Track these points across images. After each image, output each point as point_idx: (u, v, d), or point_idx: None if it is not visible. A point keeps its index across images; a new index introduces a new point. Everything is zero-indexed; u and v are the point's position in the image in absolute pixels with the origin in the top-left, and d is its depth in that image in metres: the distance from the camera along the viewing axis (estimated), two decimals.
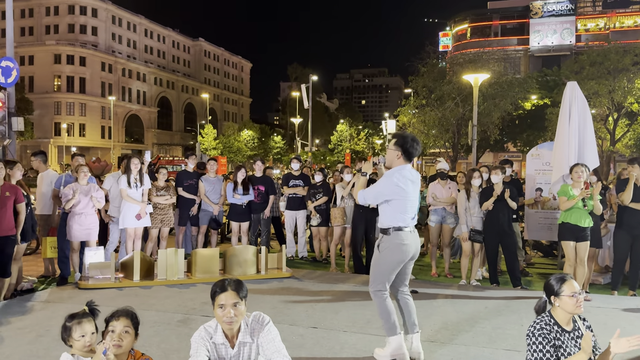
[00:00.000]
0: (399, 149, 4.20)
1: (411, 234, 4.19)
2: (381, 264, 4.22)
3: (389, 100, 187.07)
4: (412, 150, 4.18)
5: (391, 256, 4.15)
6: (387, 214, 4.20)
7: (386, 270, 4.19)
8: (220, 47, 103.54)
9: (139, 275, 6.57)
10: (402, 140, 4.22)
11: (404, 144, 4.18)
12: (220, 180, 9.13)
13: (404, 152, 4.18)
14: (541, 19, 61.00)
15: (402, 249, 4.14)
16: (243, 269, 7.06)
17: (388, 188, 4.15)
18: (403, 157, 4.19)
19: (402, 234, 4.12)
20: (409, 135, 4.28)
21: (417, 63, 28.14)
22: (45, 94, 68.64)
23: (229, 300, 2.71)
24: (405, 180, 4.13)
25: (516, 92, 27.21)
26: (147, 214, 7.79)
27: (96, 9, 76.03)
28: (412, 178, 4.22)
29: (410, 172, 4.23)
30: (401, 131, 4.77)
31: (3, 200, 5.62)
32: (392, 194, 4.13)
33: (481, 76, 15.73)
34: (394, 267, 4.18)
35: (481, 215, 7.20)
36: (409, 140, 4.20)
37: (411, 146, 4.17)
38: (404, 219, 4.14)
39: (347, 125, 68.91)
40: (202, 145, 62.82)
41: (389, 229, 4.16)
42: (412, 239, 4.20)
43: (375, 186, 4.29)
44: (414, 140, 4.22)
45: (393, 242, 4.14)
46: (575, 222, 6.34)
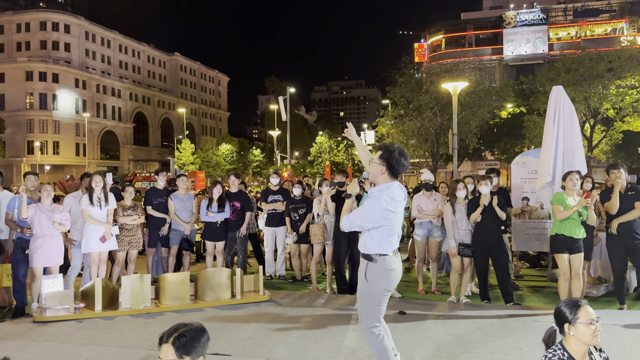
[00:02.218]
0: (384, 163, 3.66)
1: (396, 257, 3.73)
2: (370, 294, 3.69)
3: (367, 112, 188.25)
4: (398, 167, 3.65)
5: (380, 284, 3.66)
6: (374, 240, 3.68)
7: (377, 302, 3.68)
8: (197, 62, 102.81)
9: (101, 305, 5.98)
10: (387, 153, 3.66)
11: (389, 159, 3.64)
12: (191, 197, 8.60)
13: (389, 168, 3.65)
14: (514, 28, 61.93)
15: (391, 275, 3.68)
16: (216, 294, 6.51)
17: (376, 213, 3.60)
18: (388, 174, 3.66)
19: (388, 259, 3.65)
20: (396, 149, 3.68)
21: (394, 74, 27.97)
22: (17, 112, 67.05)
23: (165, 356, 2.21)
24: (394, 202, 3.61)
25: (493, 101, 27.17)
26: (112, 235, 7.22)
27: (69, 25, 74.84)
28: (400, 198, 3.69)
29: (397, 191, 3.66)
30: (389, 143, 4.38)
31: None
32: (381, 219, 3.60)
33: (460, 84, 15.51)
34: (385, 297, 3.70)
35: (469, 228, 6.81)
36: (395, 154, 3.64)
37: (397, 162, 3.63)
38: (391, 243, 3.68)
39: (326, 137, 68.68)
40: (180, 160, 61.85)
41: (374, 255, 3.67)
42: (398, 263, 3.75)
43: (361, 212, 3.69)
44: (402, 154, 3.66)
45: (380, 269, 3.66)
46: (569, 233, 5.97)
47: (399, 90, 27.17)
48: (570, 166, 7.34)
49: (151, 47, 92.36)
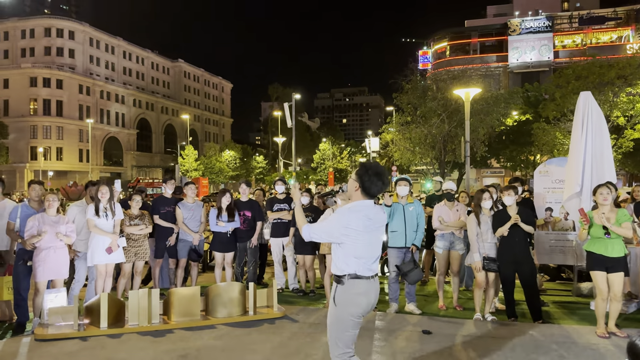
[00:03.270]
0: (358, 180, 3.46)
1: (369, 282, 3.44)
2: (340, 319, 3.42)
3: (370, 119, 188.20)
4: (370, 186, 3.42)
5: (349, 309, 3.39)
6: (340, 258, 3.45)
7: (347, 328, 3.41)
8: (200, 68, 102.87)
9: (106, 322, 5.63)
10: (362, 171, 3.47)
11: (362, 176, 3.44)
12: (199, 205, 8.25)
13: (361, 186, 3.44)
14: (519, 36, 61.79)
15: (362, 300, 3.40)
16: (228, 310, 6.15)
17: (336, 229, 3.40)
18: (361, 191, 3.45)
19: (359, 282, 3.39)
20: (372, 168, 3.48)
21: (400, 80, 27.71)
22: (20, 118, 66.91)
23: None
24: (361, 222, 3.37)
25: (502, 108, 26.86)
26: (119, 247, 6.88)
27: (73, 31, 74.90)
28: (373, 217, 3.45)
29: (369, 210, 3.44)
30: (369, 162, 4.14)
31: None
32: (341, 236, 3.39)
33: (472, 90, 15.17)
34: (356, 323, 3.42)
35: (495, 241, 6.45)
36: (370, 173, 3.43)
37: (370, 181, 3.41)
38: (360, 265, 3.40)
39: (330, 144, 68.46)
40: (183, 166, 61.63)
41: (343, 276, 3.41)
42: (371, 288, 3.45)
43: (323, 224, 3.51)
44: (378, 175, 3.44)
45: (349, 292, 3.39)
46: (600, 251, 5.61)
47: (405, 96, 26.89)
48: (599, 176, 7.00)
49: (155, 54, 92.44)
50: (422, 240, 6.91)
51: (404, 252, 6.73)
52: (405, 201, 6.81)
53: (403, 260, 6.71)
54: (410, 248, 6.72)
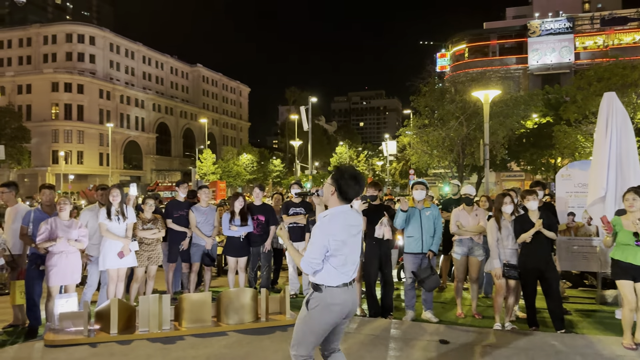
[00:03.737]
0: (334, 184, 3.36)
1: (347, 290, 3.38)
2: (308, 324, 3.39)
3: (387, 122, 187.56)
4: (348, 190, 3.33)
5: (321, 317, 3.34)
6: (322, 270, 3.36)
7: (314, 333, 3.38)
8: (219, 73, 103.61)
9: (116, 328, 5.55)
10: (338, 175, 3.38)
11: (339, 180, 3.35)
12: (213, 209, 8.17)
13: (338, 190, 3.34)
14: (539, 37, 60.96)
15: (336, 309, 3.34)
16: (240, 316, 6.03)
17: (326, 247, 3.29)
18: (337, 195, 3.35)
19: (334, 291, 3.33)
20: (347, 171, 3.38)
21: (418, 83, 27.47)
22: (42, 122, 68.11)
23: None
24: (343, 230, 3.30)
25: (522, 110, 26.43)
26: (131, 251, 6.82)
27: (94, 37, 76.06)
28: (352, 222, 3.38)
29: (348, 215, 3.36)
30: (344, 165, 4.03)
31: None
32: (332, 250, 3.30)
33: (491, 92, 14.86)
34: (324, 329, 3.39)
35: (516, 247, 6.23)
36: (345, 176, 3.33)
37: (347, 185, 3.32)
38: (341, 274, 3.34)
39: (347, 147, 68.28)
40: (201, 170, 62.00)
41: (321, 285, 3.34)
42: (348, 296, 3.38)
43: (312, 248, 3.32)
44: (355, 178, 3.34)
45: (325, 301, 3.33)
46: (628, 260, 5.35)
47: (423, 99, 26.64)
48: (625, 180, 6.73)
49: (174, 59, 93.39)
50: (439, 245, 6.70)
51: (420, 258, 6.55)
52: (422, 206, 6.62)
53: (420, 266, 6.52)
54: (427, 254, 6.54)
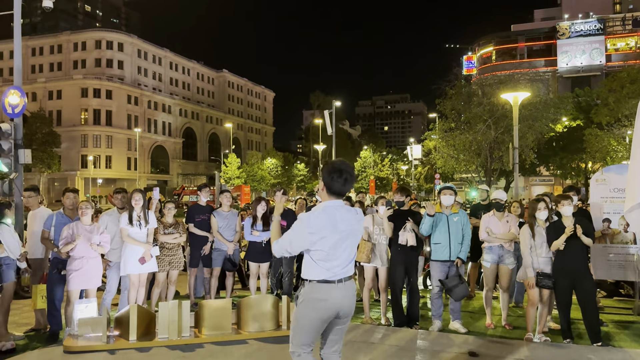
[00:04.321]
0: (322, 179, 3.37)
1: (334, 287, 3.28)
2: (297, 319, 3.38)
3: (412, 126, 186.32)
4: (332, 184, 3.28)
5: (307, 312, 3.30)
6: (306, 263, 3.37)
7: (302, 328, 3.32)
8: (244, 78, 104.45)
9: (135, 335, 5.45)
10: (325, 170, 3.37)
11: (325, 176, 3.33)
12: (235, 214, 8.04)
13: (325, 185, 3.33)
14: (569, 39, 59.76)
15: (320, 305, 3.27)
16: (260, 324, 5.87)
17: (302, 237, 3.27)
18: (326, 191, 3.33)
19: (321, 286, 3.27)
20: (332, 165, 3.33)
21: (444, 86, 27.06)
22: (72, 127, 69.60)
23: None
24: (325, 224, 3.24)
25: (551, 113, 25.78)
26: (152, 256, 6.73)
27: (122, 43, 77.54)
28: (340, 217, 3.29)
29: (336, 210, 3.28)
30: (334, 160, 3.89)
31: None
32: (306, 243, 3.27)
33: (521, 94, 14.46)
34: (313, 325, 3.30)
35: (550, 255, 5.92)
36: (330, 170, 3.29)
37: (332, 179, 3.28)
38: (325, 270, 3.28)
39: (371, 152, 67.90)
40: (226, 174, 62.43)
41: (306, 279, 3.35)
42: (335, 293, 3.28)
43: (289, 233, 3.32)
44: (339, 171, 3.28)
45: (309, 295, 3.30)
46: None
47: (449, 102, 26.22)
48: None
49: (200, 64, 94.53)
50: (467, 253, 6.43)
51: (448, 265, 6.29)
52: (450, 211, 6.37)
53: (447, 274, 6.26)
54: (455, 261, 6.27)
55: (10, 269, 5.95)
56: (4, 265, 5.71)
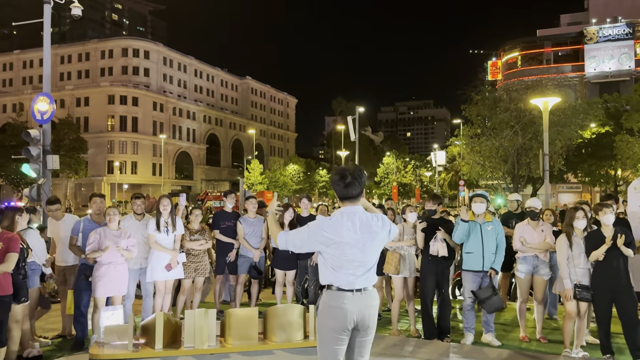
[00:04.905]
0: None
1: (352, 297, 3.14)
2: (319, 331, 3.27)
3: (435, 132, 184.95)
4: (336, 189, 3.23)
5: (324, 321, 3.19)
6: (320, 268, 3.31)
7: (324, 340, 3.20)
8: (267, 84, 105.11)
9: (161, 343, 5.37)
10: (332, 176, 3.32)
11: (331, 182, 3.29)
12: (261, 220, 7.95)
13: (336, 192, 3.25)
14: (597, 44, 58.58)
15: (336, 313, 3.14)
16: (287, 334, 5.74)
17: (310, 237, 3.21)
18: (338, 197, 3.29)
19: (337, 294, 3.16)
20: (338, 170, 3.27)
21: (470, 91, 26.70)
22: (99, 134, 70.83)
23: None
24: (337, 230, 3.14)
25: (581, 119, 25.20)
26: (179, 263, 6.68)
27: (148, 51, 78.80)
28: (359, 223, 3.18)
29: (353, 216, 3.18)
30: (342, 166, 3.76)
31: None
32: (317, 244, 3.20)
33: (551, 100, 14.11)
34: (329, 336, 3.16)
35: (588, 266, 5.67)
36: (334, 176, 3.25)
37: (335, 183, 3.24)
38: (340, 277, 3.16)
39: (394, 158, 67.44)
40: (249, 180, 62.72)
41: (324, 286, 3.27)
42: (351, 303, 3.14)
43: (299, 230, 3.30)
44: (342, 176, 3.20)
45: (326, 303, 3.20)
46: None
47: (475, 108, 25.85)
48: None
49: (224, 72, 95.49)
50: (501, 263, 6.20)
51: (481, 276, 6.07)
52: (483, 219, 6.16)
53: (480, 285, 6.05)
54: (488, 272, 6.06)
55: (36, 275, 5.96)
56: (29, 271, 5.72)
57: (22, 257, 4.99)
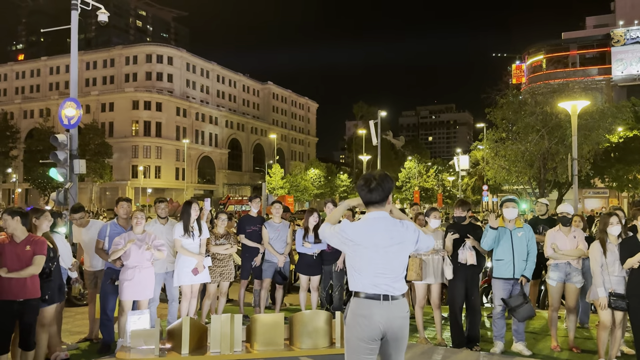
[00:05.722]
0: None
1: (380, 305, 3.08)
2: (347, 340, 3.22)
3: (458, 136, 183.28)
4: (360, 194, 3.25)
5: (351, 329, 3.14)
6: (348, 272, 3.29)
7: (351, 349, 3.14)
8: (288, 89, 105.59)
9: (188, 348, 5.36)
10: (358, 181, 3.35)
11: (357, 187, 3.33)
12: (286, 225, 7.91)
13: (360, 197, 3.28)
14: (624, 46, 57.39)
15: (362, 322, 3.09)
16: (313, 341, 5.67)
17: (333, 233, 3.26)
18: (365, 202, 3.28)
19: (362, 302, 3.11)
20: (364, 175, 3.32)
21: (494, 95, 26.35)
22: (123, 138, 71.97)
23: None
24: (359, 233, 3.16)
25: (608, 123, 24.62)
26: (205, 267, 6.68)
27: (172, 57, 79.91)
28: (380, 230, 3.14)
29: (378, 222, 3.17)
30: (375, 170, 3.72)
31: (22, 256, 4.68)
32: (337, 242, 3.24)
33: (580, 103, 13.80)
34: (357, 345, 3.10)
35: (623, 274, 5.48)
36: (360, 181, 3.27)
37: (359, 189, 3.27)
38: (364, 281, 3.12)
39: (415, 162, 66.98)
40: (270, 184, 62.97)
41: (352, 292, 3.23)
42: (381, 312, 3.07)
43: (327, 225, 3.35)
44: (365, 180, 3.22)
45: (353, 312, 3.15)
46: None
47: (499, 111, 25.48)
48: None
49: (246, 77, 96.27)
50: (532, 270, 6.04)
51: (511, 284, 5.92)
52: (513, 225, 6.01)
53: (511, 293, 5.90)
54: (519, 279, 5.90)
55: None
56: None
57: (49, 259, 5.03)
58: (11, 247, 4.72)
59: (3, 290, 4.63)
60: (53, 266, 5.13)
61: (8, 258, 4.66)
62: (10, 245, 4.72)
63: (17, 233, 4.79)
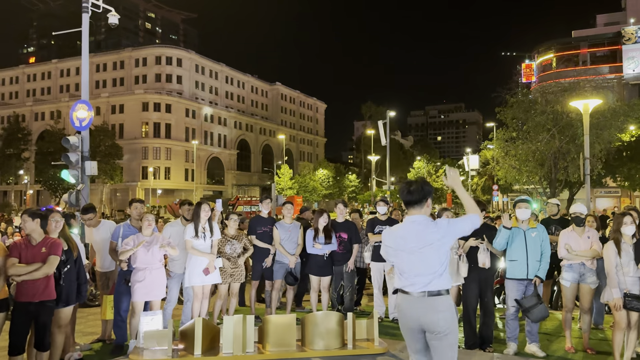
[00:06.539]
0: None
1: (415, 300, 3.39)
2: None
3: (467, 136, 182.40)
4: (401, 195, 3.58)
5: (400, 320, 3.58)
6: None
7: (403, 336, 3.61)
8: (296, 90, 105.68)
9: (200, 349, 5.37)
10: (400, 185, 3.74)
11: (399, 190, 3.71)
12: (297, 226, 7.89)
13: (401, 198, 3.62)
14: (635, 44, 56.82)
15: (400, 315, 3.55)
16: (325, 342, 5.66)
17: (385, 255, 3.71)
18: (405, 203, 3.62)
19: (400, 297, 3.53)
20: (408, 180, 3.82)
21: (504, 94, 26.16)
22: (133, 140, 72.39)
23: None
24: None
25: (621, 122, 24.36)
26: (216, 268, 6.70)
27: (181, 59, 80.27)
28: (413, 232, 3.47)
29: (409, 226, 3.50)
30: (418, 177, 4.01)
31: (37, 258, 4.72)
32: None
33: (592, 102, 13.66)
34: (405, 334, 3.56)
35: (638, 274, 5.42)
36: (402, 184, 3.65)
37: (401, 190, 3.62)
38: (403, 280, 3.49)
39: (424, 162, 66.77)
40: (278, 185, 63.08)
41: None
42: (415, 306, 3.39)
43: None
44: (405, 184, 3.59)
45: (396, 306, 3.73)
46: None
47: (510, 111, 25.28)
48: None
49: (255, 78, 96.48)
50: (546, 271, 5.98)
51: (525, 284, 5.87)
52: (527, 226, 5.96)
53: (524, 293, 5.86)
54: (533, 280, 5.86)
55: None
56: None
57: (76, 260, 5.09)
58: (28, 249, 4.78)
59: (19, 291, 4.68)
60: (65, 268, 5.16)
61: (24, 261, 4.72)
62: (27, 248, 4.78)
63: (34, 235, 4.85)
